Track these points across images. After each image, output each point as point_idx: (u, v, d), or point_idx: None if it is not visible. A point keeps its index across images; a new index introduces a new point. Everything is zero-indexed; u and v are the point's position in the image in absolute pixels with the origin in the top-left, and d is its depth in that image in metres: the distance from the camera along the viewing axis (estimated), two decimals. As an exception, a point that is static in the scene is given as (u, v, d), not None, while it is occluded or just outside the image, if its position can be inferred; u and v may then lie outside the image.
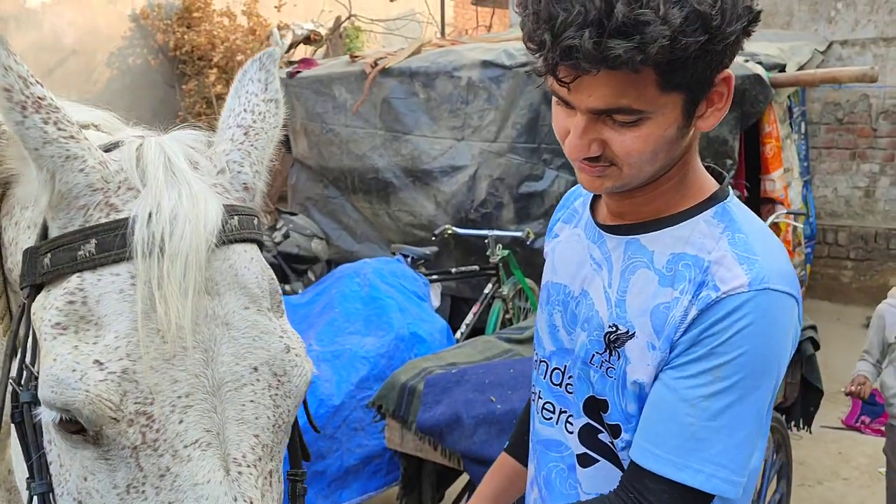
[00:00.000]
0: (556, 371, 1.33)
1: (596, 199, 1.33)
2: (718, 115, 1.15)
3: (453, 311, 5.55)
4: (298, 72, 6.44)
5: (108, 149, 0.98)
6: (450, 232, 5.20)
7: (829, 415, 4.87)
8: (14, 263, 1.04)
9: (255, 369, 0.93)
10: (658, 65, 1.02)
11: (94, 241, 0.90)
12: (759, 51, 5.31)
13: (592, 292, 1.27)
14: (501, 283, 5.02)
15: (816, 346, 3.52)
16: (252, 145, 1.06)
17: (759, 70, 4.81)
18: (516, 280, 5.09)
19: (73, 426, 0.87)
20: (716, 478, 1.12)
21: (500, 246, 5.03)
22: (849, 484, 4.24)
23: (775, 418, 3.27)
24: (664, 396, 1.15)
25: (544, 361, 1.37)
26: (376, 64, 5.93)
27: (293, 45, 8.26)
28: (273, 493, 0.95)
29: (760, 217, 5.28)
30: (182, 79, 8.44)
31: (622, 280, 1.22)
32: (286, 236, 5.49)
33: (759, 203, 5.36)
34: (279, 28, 8.35)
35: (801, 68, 5.72)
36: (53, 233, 0.94)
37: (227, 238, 0.95)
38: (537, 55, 1.07)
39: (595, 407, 1.26)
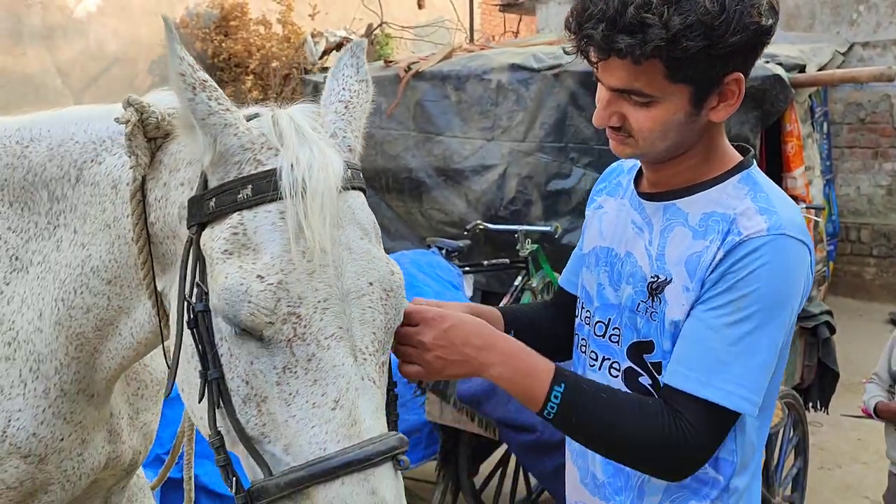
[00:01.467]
0: (600, 324, 1.55)
1: (639, 173, 1.56)
2: (730, 109, 1.36)
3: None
4: (334, 77, 6.69)
5: (249, 119, 1.26)
6: (481, 227, 5.38)
7: (849, 404, 5.00)
8: (158, 217, 1.31)
9: (371, 284, 1.20)
10: (664, 59, 1.25)
11: (249, 187, 1.17)
12: (780, 52, 5.48)
13: (636, 252, 1.48)
14: (531, 276, 5.21)
15: (832, 330, 3.70)
16: (351, 116, 1.34)
17: (780, 70, 4.98)
18: (545, 274, 5.27)
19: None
20: (734, 395, 1.32)
21: (530, 240, 5.22)
22: (868, 467, 4.39)
23: (793, 397, 3.44)
24: (694, 327, 1.36)
25: (589, 316, 1.58)
26: (409, 68, 6.17)
27: (326, 52, 8.52)
28: (384, 379, 1.22)
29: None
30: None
31: (661, 238, 1.44)
32: (324, 233, 5.72)
33: (781, 200, 5.50)
34: (313, 35, 8.62)
35: (821, 69, 5.87)
36: (213, 184, 1.21)
37: (346, 185, 1.21)
38: (570, 38, 1.34)
39: (638, 351, 1.47)
